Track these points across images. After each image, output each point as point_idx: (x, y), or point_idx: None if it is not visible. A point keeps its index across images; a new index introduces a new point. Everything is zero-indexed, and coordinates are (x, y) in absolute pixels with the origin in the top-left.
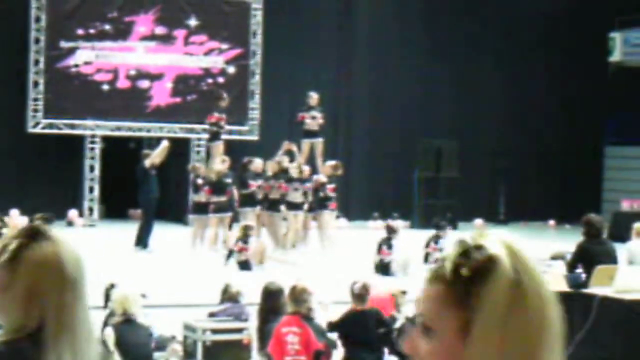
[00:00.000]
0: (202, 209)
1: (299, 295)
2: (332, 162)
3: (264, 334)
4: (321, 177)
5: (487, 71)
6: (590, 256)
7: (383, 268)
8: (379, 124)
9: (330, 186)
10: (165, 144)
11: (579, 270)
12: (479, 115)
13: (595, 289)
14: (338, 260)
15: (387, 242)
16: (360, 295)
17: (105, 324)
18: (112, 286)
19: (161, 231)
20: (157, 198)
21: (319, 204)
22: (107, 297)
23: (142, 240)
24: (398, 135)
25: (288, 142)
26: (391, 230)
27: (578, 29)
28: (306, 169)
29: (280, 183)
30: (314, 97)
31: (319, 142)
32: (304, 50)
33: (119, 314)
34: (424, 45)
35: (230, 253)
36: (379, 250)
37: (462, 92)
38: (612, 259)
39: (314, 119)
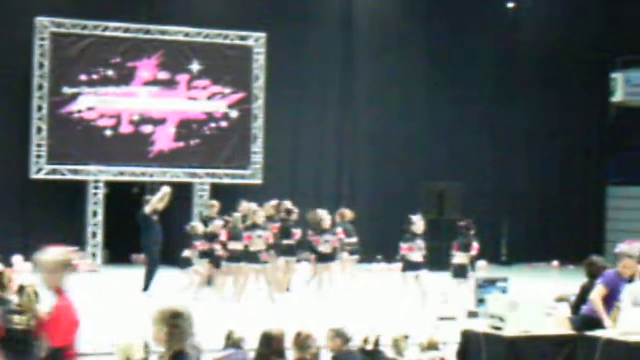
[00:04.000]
0: (209, 254)
1: (304, 342)
2: (346, 211)
3: None
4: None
5: (488, 113)
6: None
7: None
8: (382, 167)
9: (338, 230)
10: (166, 190)
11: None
12: (481, 157)
13: (600, 332)
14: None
15: None
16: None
17: None
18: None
19: (165, 276)
20: (161, 243)
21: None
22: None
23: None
24: (401, 177)
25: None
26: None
27: (580, 69)
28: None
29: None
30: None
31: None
32: (307, 94)
33: None
34: (426, 87)
35: None
36: None
37: (464, 135)
38: None
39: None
